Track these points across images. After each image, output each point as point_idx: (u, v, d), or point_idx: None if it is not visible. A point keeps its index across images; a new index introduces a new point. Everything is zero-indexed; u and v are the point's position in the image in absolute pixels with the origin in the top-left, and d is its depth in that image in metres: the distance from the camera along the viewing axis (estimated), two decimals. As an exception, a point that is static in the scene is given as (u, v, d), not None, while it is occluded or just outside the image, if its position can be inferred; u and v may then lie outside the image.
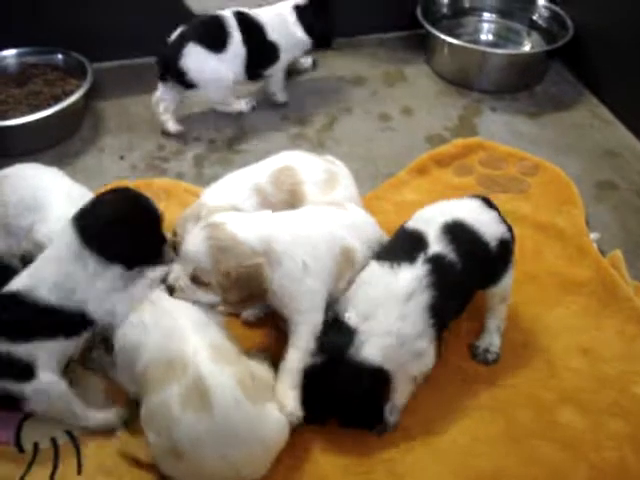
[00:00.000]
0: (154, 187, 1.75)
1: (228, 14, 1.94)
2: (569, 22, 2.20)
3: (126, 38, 2.20)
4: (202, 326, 1.21)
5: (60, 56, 2.08)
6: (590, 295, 1.54)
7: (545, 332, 1.47)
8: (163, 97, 1.94)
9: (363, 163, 1.84)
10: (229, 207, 1.41)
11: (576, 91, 2.20)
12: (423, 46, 2.28)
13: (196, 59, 1.88)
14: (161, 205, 1.67)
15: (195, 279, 1.23)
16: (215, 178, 1.64)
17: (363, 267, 1.31)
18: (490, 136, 1.98)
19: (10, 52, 2.09)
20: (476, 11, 2.38)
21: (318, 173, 1.53)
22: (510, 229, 1.36)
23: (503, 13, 2.37)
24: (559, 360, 1.41)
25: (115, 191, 1.32)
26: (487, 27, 2.38)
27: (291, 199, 1.50)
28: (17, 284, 1.23)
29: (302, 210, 1.39)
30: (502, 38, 2.36)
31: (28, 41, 2.09)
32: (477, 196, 1.39)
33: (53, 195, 1.41)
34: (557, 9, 2.27)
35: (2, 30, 2.08)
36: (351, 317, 1.23)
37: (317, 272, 1.28)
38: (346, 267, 1.32)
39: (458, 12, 2.37)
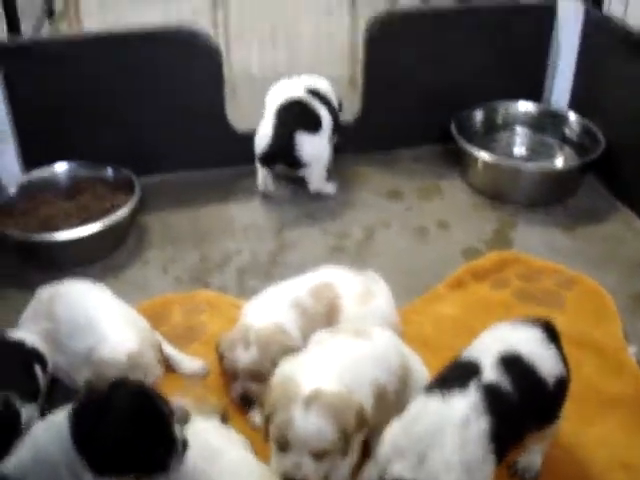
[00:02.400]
0: (197, 300, 1.80)
1: (305, 95, 2.21)
2: (600, 136, 2.25)
3: (171, 154, 2.31)
4: None
5: (109, 171, 2.17)
6: (630, 410, 1.54)
7: (584, 448, 1.46)
8: (267, 175, 2.24)
9: (400, 276, 1.88)
10: (273, 326, 1.46)
11: (609, 204, 2.24)
12: (457, 160, 2.35)
13: (306, 144, 2.14)
14: (204, 317, 1.74)
15: (318, 456, 1.21)
16: (257, 291, 1.69)
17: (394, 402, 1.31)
18: (525, 249, 2.02)
19: (62, 166, 2.19)
20: (509, 126, 2.46)
21: (355, 288, 1.59)
22: (567, 365, 1.34)
23: (535, 128, 2.44)
24: (599, 476, 1.40)
25: (122, 388, 1.19)
26: (520, 141, 2.45)
27: (329, 313, 1.55)
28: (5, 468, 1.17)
29: (330, 347, 1.37)
30: (535, 152, 2.42)
31: (79, 156, 2.19)
32: (538, 321, 1.37)
33: (106, 316, 1.47)
34: (588, 124, 2.33)
35: (55, 145, 2.20)
36: (404, 470, 1.14)
37: None
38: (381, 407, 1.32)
39: (491, 127, 2.44)
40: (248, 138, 2.29)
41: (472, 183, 2.28)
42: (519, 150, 2.44)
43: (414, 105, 2.40)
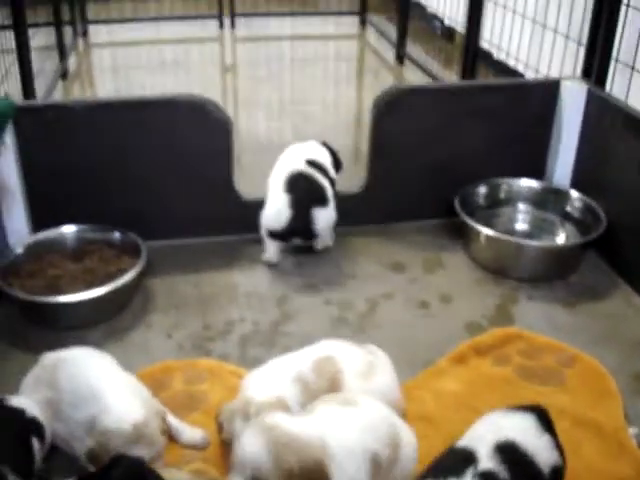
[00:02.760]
0: (199, 367, 1.80)
1: (305, 167, 2.27)
2: (602, 214, 2.28)
3: (177, 220, 2.34)
4: None
5: (116, 235, 2.20)
6: (630, 493, 1.54)
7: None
8: (276, 248, 2.30)
9: (403, 349, 1.89)
10: (275, 400, 1.46)
11: (610, 281, 2.26)
12: (460, 233, 2.38)
13: (321, 218, 2.23)
14: (205, 386, 1.74)
15: None
16: (258, 360, 1.70)
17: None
18: (527, 325, 2.02)
19: (69, 228, 2.22)
20: (511, 202, 2.49)
21: (358, 362, 1.60)
22: (562, 453, 1.35)
23: (537, 204, 2.47)
24: None
25: (121, 466, 1.20)
26: (522, 217, 2.48)
27: (331, 388, 1.55)
28: None
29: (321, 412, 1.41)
30: (537, 228, 2.45)
31: (87, 218, 2.22)
32: (532, 408, 1.38)
33: (110, 385, 1.47)
34: (590, 202, 2.36)
35: (63, 207, 2.23)
36: None
37: None
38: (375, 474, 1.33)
39: (494, 202, 2.48)
40: (253, 206, 2.33)
41: (475, 257, 2.31)
42: (521, 226, 2.47)
43: (418, 179, 2.44)
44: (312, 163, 2.29)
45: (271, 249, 2.28)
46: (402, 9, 4.55)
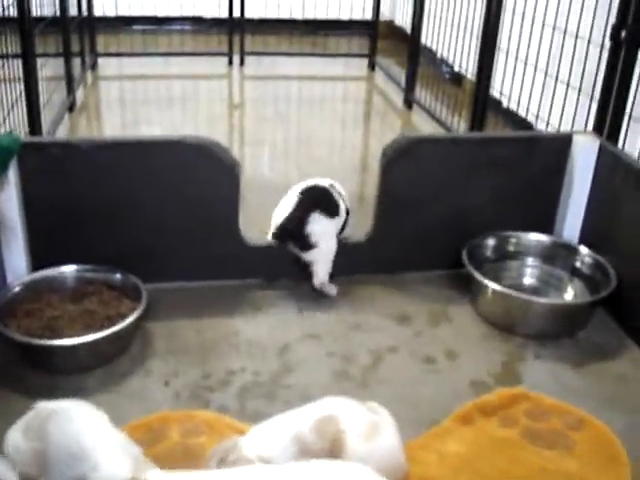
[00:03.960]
0: (197, 419, 1.75)
1: (328, 186, 2.33)
2: (611, 271, 2.25)
3: (180, 262, 2.30)
4: None
5: (117, 276, 2.16)
6: None
7: None
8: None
9: (407, 407, 1.84)
10: (259, 459, 1.42)
11: (619, 340, 2.21)
12: (467, 286, 2.34)
13: (319, 225, 2.21)
14: (202, 439, 1.69)
15: None
16: (258, 413, 1.66)
17: None
18: (533, 384, 1.98)
19: (69, 268, 2.18)
20: (520, 255, 2.45)
21: (360, 422, 1.54)
22: None
23: (546, 259, 2.44)
24: None
25: None
26: (530, 272, 2.45)
27: (332, 448, 1.49)
28: None
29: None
30: (545, 283, 2.42)
31: (88, 258, 2.18)
32: None
33: (100, 443, 1.42)
34: (599, 258, 2.32)
35: (64, 246, 2.19)
36: None
37: None
38: None
39: (502, 256, 2.44)
40: (258, 251, 2.31)
41: (481, 311, 2.27)
42: (529, 281, 2.43)
43: (426, 229, 2.41)
44: (332, 186, 2.36)
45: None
46: (412, 54, 4.56)
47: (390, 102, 4.77)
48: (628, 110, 2.42)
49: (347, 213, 2.38)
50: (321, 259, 2.28)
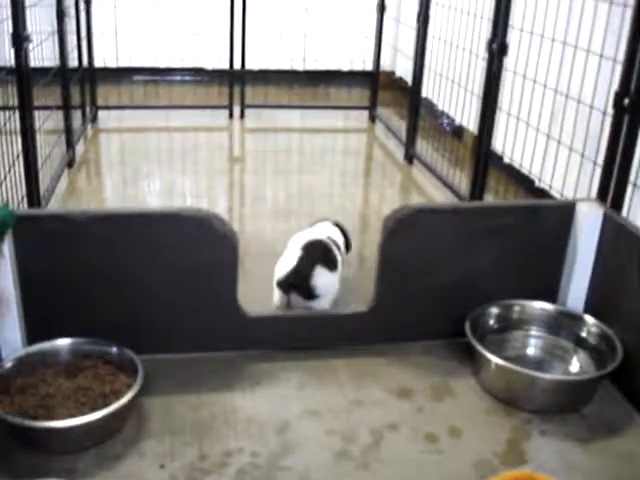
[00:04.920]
0: (193, 508, 1.70)
1: (328, 240, 2.65)
2: (617, 342, 2.20)
3: (177, 334, 2.26)
4: None
5: (113, 350, 2.11)
6: None
7: None
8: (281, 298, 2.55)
9: (409, 491, 1.79)
10: None
11: (626, 414, 2.15)
12: (470, 356, 2.29)
13: (323, 278, 2.52)
14: (198, 530, 1.63)
15: None
16: (256, 501, 1.60)
17: None
18: (539, 464, 1.92)
19: (64, 341, 2.13)
20: (524, 324, 2.41)
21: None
22: None
23: (550, 329, 2.39)
24: None
25: None
26: (534, 342, 2.40)
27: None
28: None
29: None
30: (549, 354, 2.37)
31: (83, 331, 2.14)
32: None
33: None
34: (605, 328, 2.28)
35: (59, 319, 2.15)
36: None
37: None
38: None
39: (506, 325, 2.40)
40: (257, 322, 2.27)
41: (484, 385, 2.22)
42: (533, 351, 2.39)
43: (428, 298, 2.37)
44: (331, 239, 2.69)
45: (276, 296, 2.55)
46: (412, 108, 4.56)
47: (391, 155, 4.77)
48: (632, 178, 2.39)
49: (348, 248, 2.86)
50: (325, 304, 2.56)
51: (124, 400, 1.90)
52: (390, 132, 5.09)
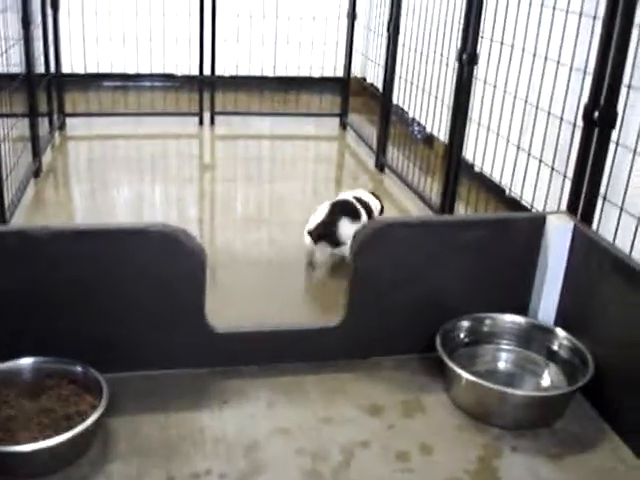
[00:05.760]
0: (159, 533, 1.66)
1: (352, 199, 3.22)
2: (589, 356, 2.19)
3: (144, 351, 2.22)
4: None
5: (78, 369, 2.06)
6: None
7: None
8: (317, 250, 3.18)
9: (379, 514, 1.76)
10: None
11: (598, 428, 2.14)
12: (441, 370, 2.27)
13: (345, 228, 3.04)
14: None
15: None
16: (223, 526, 1.56)
17: None
18: (511, 481, 1.91)
19: (26, 361, 2.08)
20: (495, 338, 2.39)
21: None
22: None
23: (521, 342, 2.38)
24: None
25: None
26: (506, 356, 2.38)
27: None
28: None
29: None
30: (520, 367, 2.36)
31: (47, 350, 2.09)
32: None
33: None
34: (576, 341, 2.27)
35: (22, 337, 2.10)
36: None
37: None
38: None
39: (477, 339, 2.38)
40: (226, 337, 2.23)
41: (456, 400, 2.20)
42: (504, 365, 2.37)
43: (399, 313, 2.35)
44: (358, 199, 3.22)
45: (307, 241, 3.13)
46: (383, 116, 4.55)
47: (362, 163, 4.75)
48: (602, 191, 2.38)
49: (381, 210, 3.43)
50: (346, 252, 2.87)
51: (89, 422, 1.85)
52: (361, 139, 5.06)
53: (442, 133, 4.02)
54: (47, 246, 2.05)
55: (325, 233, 3.03)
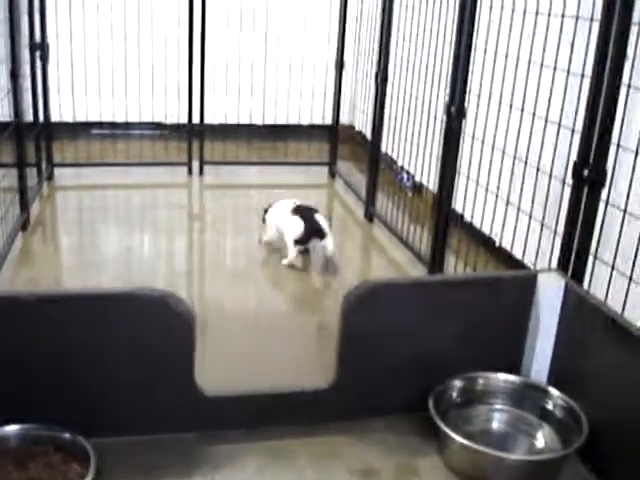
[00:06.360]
0: None
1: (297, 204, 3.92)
2: (582, 416, 2.17)
3: (131, 415, 2.17)
4: None
5: (66, 435, 2.03)
6: None
7: None
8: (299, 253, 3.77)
9: None
10: None
11: (593, 489, 2.13)
12: (434, 431, 2.24)
13: (323, 221, 3.76)
14: None
15: None
16: None
17: None
18: None
19: (13, 427, 2.04)
20: (488, 397, 2.37)
21: None
22: None
23: (515, 402, 2.36)
24: None
25: None
26: (499, 416, 2.36)
27: None
28: None
29: None
30: (514, 428, 2.33)
31: (33, 416, 2.05)
32: None
33: None
34: (569, 401, 2.25)
35: (7, 404, 2.05)
36: None
37: None
38: None
39: (470, 399, 2.35)
40: (215, 401, 2.20)
41: (449, 463, 2.16)
42: (498, 425, 2.34)
43: (390, 373, 2.32)
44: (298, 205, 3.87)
45: (294, 253, 3.72)
46: (372, 166, 4.56)
47: (351, 212, 4.75)
48: (593, 249, 2.38)
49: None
50: (331, 240, 3.74)
51: (76, 493, 1.82)
52: (350, 188, 5.07)
53: (431, 182, 4.03)
54: (34, 311, 2.02)
55: (314, 232, 3.68)
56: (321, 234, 3.68)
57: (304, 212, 3.75)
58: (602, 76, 2.34)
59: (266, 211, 3.98)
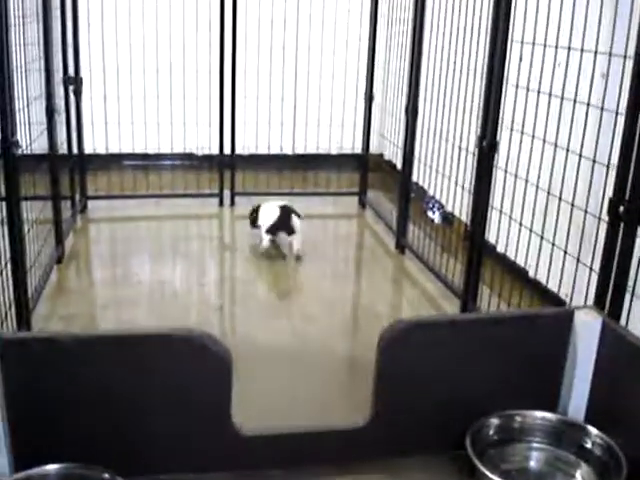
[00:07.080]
0: None
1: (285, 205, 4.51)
2: (621, 454, 2.14)
3: (168, 455, 2.18)
4: None
5: (105, 476, 2.03)
6: None
7: None
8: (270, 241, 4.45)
9: None
10: None
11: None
12: (471, 470, 2.22)
13: (297, 220, 4.37)
14: None
15: None
16: None
17: None
18: None
19: (54, 467, 2.05)
20: (525, 437, 2.34)
21: None
22: None
23: (553, 440, 2.32)
24: None
25: None
26: (536, 455, 2.33)
27: None
28: None
29: None
30: (552, 467, 2.30)
31: (73, 456, 2.06)
32: None
33: None
34: (609, 440, 2.22)
35: (48, 444, 2.07)
36: None
37: None
38: None
39: (507, 438, 2.33)
40: (253, 440, 2.19)
41: (489, 506, 2.14)
42: (536, 465, 2.31)
43: (426, 412, 2.30)
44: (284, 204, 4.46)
45: (266, 241, 4.41)
46: (402, 198, 4.56)
47: (382, 243, 4.75)
48: (630, 286, 2.36)
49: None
50: (298, 238, 4.36)
51: (115, 539, 1.83)
52: (380, 218, 5.08)
53: (463, 213, 4.02)
54: (73, 353, 2.04)
55: (282, 226, 4.34)
56: (290, 230, 4.32)
57: (283, 210, 4.36)
58: (637, 112, 2.34)
59: (254, 213, 4.58)
